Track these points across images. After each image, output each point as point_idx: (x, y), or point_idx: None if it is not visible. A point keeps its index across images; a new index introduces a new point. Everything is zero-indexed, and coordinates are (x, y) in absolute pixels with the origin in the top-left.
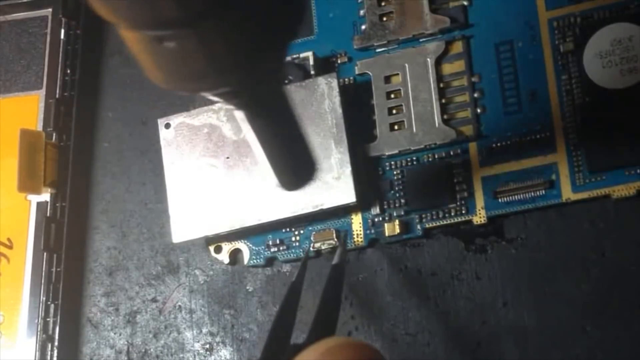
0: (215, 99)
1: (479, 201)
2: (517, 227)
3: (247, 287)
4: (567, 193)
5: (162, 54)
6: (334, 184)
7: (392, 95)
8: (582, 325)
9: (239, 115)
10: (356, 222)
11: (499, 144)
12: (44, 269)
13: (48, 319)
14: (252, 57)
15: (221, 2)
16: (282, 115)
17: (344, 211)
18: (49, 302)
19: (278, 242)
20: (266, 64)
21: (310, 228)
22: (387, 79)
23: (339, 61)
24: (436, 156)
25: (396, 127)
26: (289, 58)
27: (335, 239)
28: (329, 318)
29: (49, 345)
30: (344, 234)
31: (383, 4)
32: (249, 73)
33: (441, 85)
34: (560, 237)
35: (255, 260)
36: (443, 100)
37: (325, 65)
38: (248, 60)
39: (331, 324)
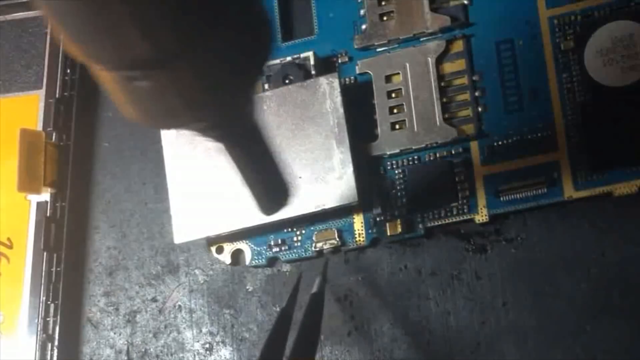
0: (190, 132)
1: (481, 200)
2: (517, 227)
3: (247, 287)
4: (569, 191)
5: (136, 93)
6: (335, 184)
7: (393, 95)
8: (582, 325)
9: (216, 146)
10: (358, 221)
11: (500, 143)
12: (44, 268)
13: (48, 319)
14: (224, 92)
15: (192, 43)
16: (255, 145)
17: (345, 211)
18: (49, 302)
19: (280, 242)
20: (238, 97)
21: (312, 228)
22: (388, 79)
23: (339, 61)
24: (437, 155)
25: (397, 127)
26: (289, 58)
27: (337, 239)
28: (309, 345)
29: (49, 345)
30: (326, 263)
31: (383, 3)
32: (221, 108)
33: (442, 84)
34: (560, 237)
35: (257, 261)
36: (444, 99)
37: (326, 65)
38: (220, 95)
39: (311, 351)
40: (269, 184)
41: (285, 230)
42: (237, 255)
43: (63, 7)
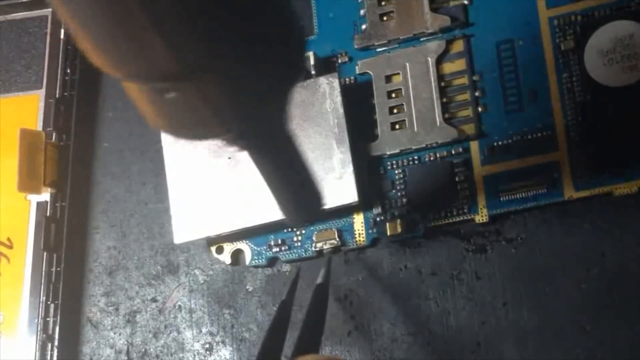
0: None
1: (481, 200)
2: (517, 227)
3: (247, 287)
4: (570, 191)
5: (163, 104)
6: (336, 184)
7: (393, 95)
8: (582, 325)
9: (244, 155)
10: (358, 221)
11: (500, 143)
12: (44, 268)
13: (48, 319)
14: (254, 103)
15: (220, 55)
16: (286, 155)
17: (346, 211)
18: (49, 302)
19: (280, 242)
20: (268, 107)
21: (312, 228)
22: (388, 79)
23: (339, 61)
24: (437, 155)
25: (397, 127)
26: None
27: (337, 239)
28: (313, 336)
29: (49, 345)
30: (329, 256)
31: (383, 3)
32: (251, 119)
33: (442, 84)
34: (560, 237)
35: (256, 261)
36: (444, 99)
37: (326, 65)
38: (249, 107)
39: (315, 342)
40: (298, 194)
41: (285, 231)
42: (237, 255)
43: (90, 20)
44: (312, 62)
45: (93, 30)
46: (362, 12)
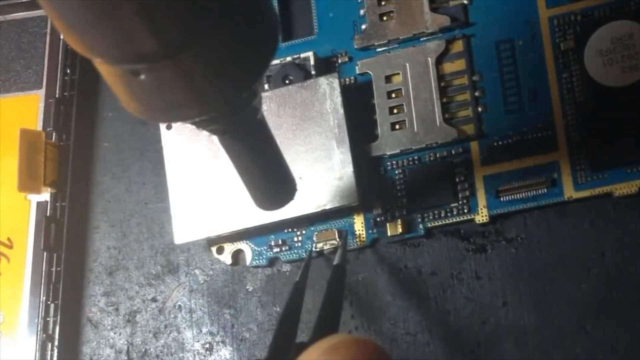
0: (191, 125)
1: (481, 200)
2: (517, 227)
3: (247, 287)
4: (569, 191)
5: (138, 86)
6: (336, 185)
7: (393, 95)
8: (582, 325)
9: (215, 140)
10: (358, 222)
11: (500, 143)
12: (44, 268)
13: (48, 319)
14: (229, 84)
15: (197, 35)
16: (258, 140)
17: (346, 211)
18: (49, 302)
19: (280, 242)
20: (242, 90)
21: (312, 228)
22: (388, 79)
23: (339, 61)
24: (437, 155)
25: (397, 127)
26: (289, 58)
27: (338, 238)
28: (332, 317)
29: (49, 345)
30: (345, 235)
31: (383, 3)
32: (225, 101)
33: (442, 84)
34: (560, 237)
35: (257, 261)
36: (444, 100)
37: (325, 65)
38: (224, 88)
39: (334, 323)
40: (269, 179)
41: (285, 231)
42: (237, 255)
43: (66, 2)
44: (312, 62)
45: (68, 9)
46: (362, 12)
